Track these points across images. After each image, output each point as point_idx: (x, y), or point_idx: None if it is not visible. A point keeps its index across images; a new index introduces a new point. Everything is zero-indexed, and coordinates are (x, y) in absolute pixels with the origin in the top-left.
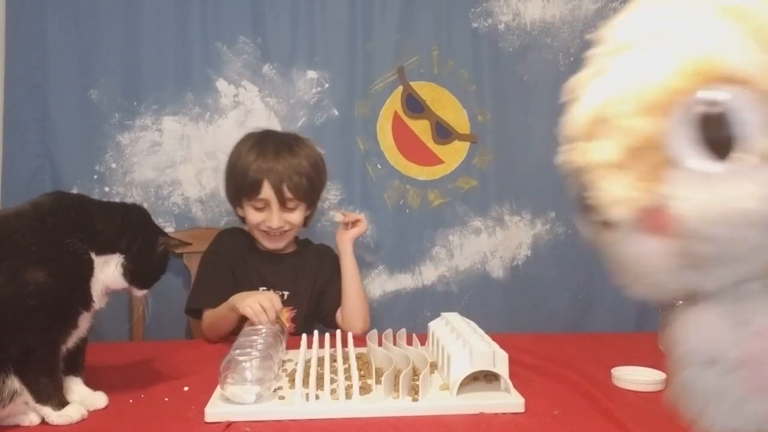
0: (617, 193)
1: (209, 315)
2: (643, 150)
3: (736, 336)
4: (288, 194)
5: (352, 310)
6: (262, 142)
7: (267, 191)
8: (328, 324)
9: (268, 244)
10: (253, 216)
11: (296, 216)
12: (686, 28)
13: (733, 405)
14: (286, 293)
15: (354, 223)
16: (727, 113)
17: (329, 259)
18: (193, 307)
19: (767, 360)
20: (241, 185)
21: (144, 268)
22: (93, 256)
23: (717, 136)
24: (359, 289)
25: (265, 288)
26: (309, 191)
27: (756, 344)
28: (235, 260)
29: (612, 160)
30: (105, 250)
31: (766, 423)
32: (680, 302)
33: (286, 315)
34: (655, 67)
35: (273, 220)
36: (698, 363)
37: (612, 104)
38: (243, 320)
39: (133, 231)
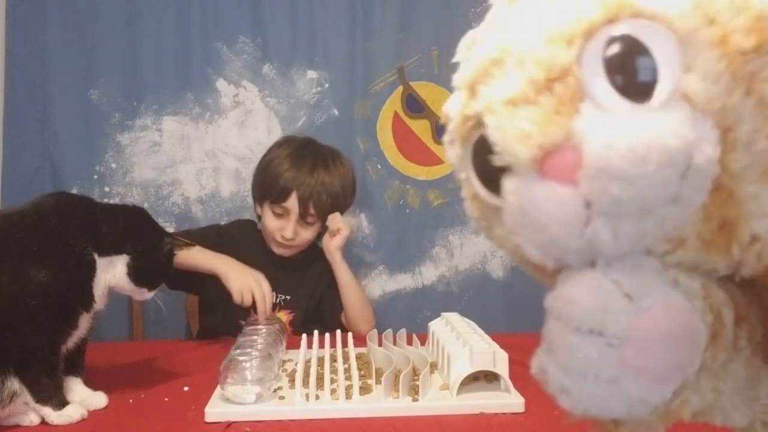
0: (521, 129)
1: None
2: (549, 81)
3: (626, 308)
4: (311, 210)
5: (355, 315)
6: (301, 153)
7: (292, 202)
8: (331, 327)
9: (276, 250)
10: (271, 221)
11: (310, 232)
12: None
13: (607, 382)
14: (287, 297)
15: (336, 231)
16: (641, 50)
17: (329, 263)
18: None
19: (652, 338)
20: (269, 188)
21: (150, 269)
22: (96, 257)
23: (629, 72)
24: (359, 295)
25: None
26: (328, 212)
27: (645, 320)
28: (239, 253)
29: (513, 95)
30: (109, 251)
31: (637, 406)
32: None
33: (284, 318)
34: (562, 10)
35: (288, 230)
36: (581, 330)
37: (513, 42)
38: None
39: (138, 232)
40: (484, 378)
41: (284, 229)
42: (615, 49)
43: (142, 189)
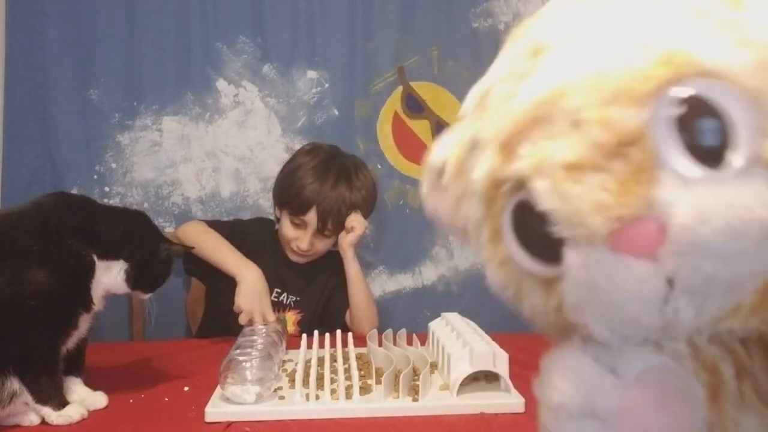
0: (594, 197)
1: (208, 229)
2: (620, 146)
3: (613, 383)
4: (329, 225)
5: (359, 313)
6: (325, 165)
7: (312, 216)
8: (336, 326)
9: (291, 257)
10: (288, 229)
11: (326, 244)
12: (640, 21)
13: None
14: (296, 298)
15: (351, 228)
16: (710, 111)
17: (339, 264)
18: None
19: (646, 408)
20: (290, 199)
21: (147, 275)
22: (95, 258)
23: (703, 136)
24: (365, 293)
25: (279, 290)
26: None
27: (634, 391)
28: (257, 253)
29: (576, 159)
30: (108, 256)
31: None
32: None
33: (293, 318)
34: (621, 56)
35: (304, 242)
36: (573, 416)
37: (562, 96)
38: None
39: (136, 239)
40: (484, 378)
41: (300, 240)
42: (686, 111)
43: (142, 189)
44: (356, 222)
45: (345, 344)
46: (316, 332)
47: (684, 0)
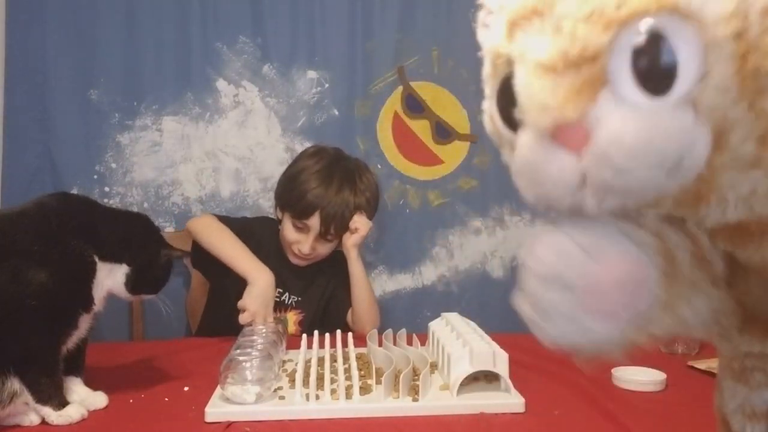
0: (542, 98)
1: (220, 225)
2: (580, 60)
3: (583, 262)
4: (332, 231)
5: (362, 313)
6: (329, 170)
7: (314, 221)
8: (338, 326)
9: (292, 259)
10: (290, 232)
11: (328, 248)
12: None
13: (568, 320)
14: (298, 298)
15: (354, 229)
16: (667, 47)
17: (341, 264)
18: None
19: (605, 285)
20: (293, 202)
21: (147, 279)
22: (96, 259)
23: (653, 67)
24: (368, 293)
25: (281, 290)
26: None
27: (599, 271)
28: (261, 252)
29: (545, 61)
30: (110, 258)
31: (596, 338)
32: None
33: (294, 318)
34: None
35: (305, 246)
36: (546, 280)
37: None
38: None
39: (137, 244)
40: (484, 378)
41: (302, 243)
42: (644, 42)
43: (142, 189)
44: (360, 223)
45: (345, 344)
46: (316, 332)
47: None
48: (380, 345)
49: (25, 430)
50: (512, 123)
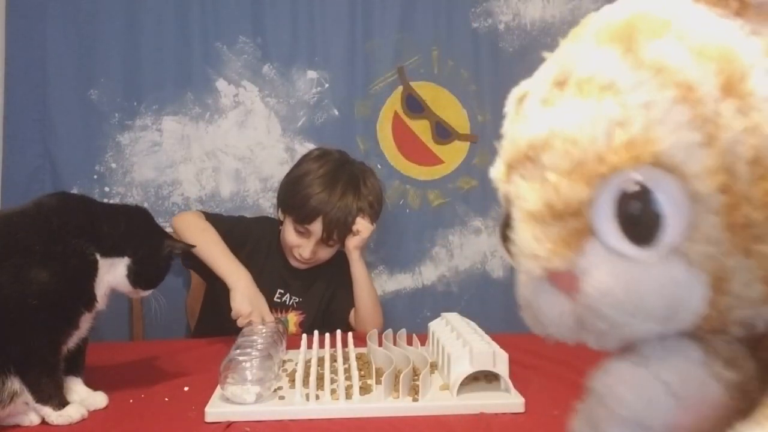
0: (531, 248)
1: (207, 225)
2: (564, 213)
3: (672, 406)
4: (334, 236)
5: (365, 314)
6: (335, 175)
7: (317, 226)
8: (339, 327)
9: (292, 262)
10: (291, 236)
11: (329, 252)
12: (632, 89)
13: None
14: (298, 299)
15: (357, 231)
16: (650, 199)
17: (342, 264)
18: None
19: (688, 429)
20: (296, 207)
21: (149, 271)
22: (98, 257)
23: (639, 217)
24: (371, 294)
25: (282, 291)
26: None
27: (687, 417)
28: (261, 252)
29: (533, 211)
30: (111, 252)
31: None
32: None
33: (295, 319)
34: (593, 129)
35: (306, 250)
36: (628, 424)
37: (542, 147)
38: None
39: (139, 235)
40: (484, 378)
41: (303, 248)
42: (629, 195)
43: (142, 189)
44: (362, 225)
45: (345, 344)
46: (316, 332)
47: (683, 76)
48: (380, 345)
49: (25, 430)
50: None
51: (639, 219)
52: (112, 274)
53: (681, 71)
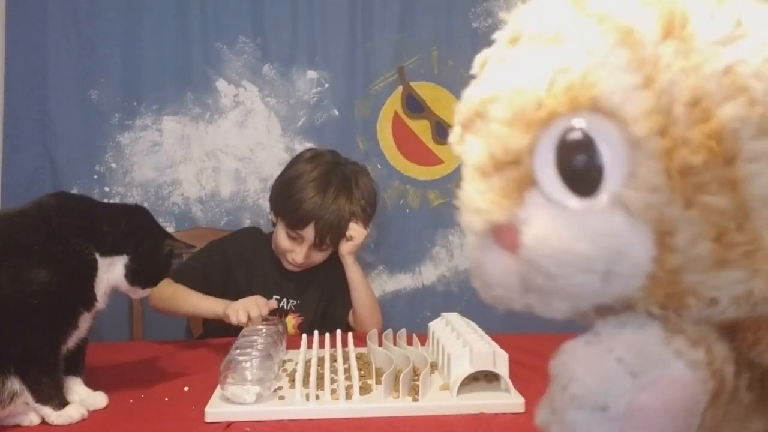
0: (474, 201)
1: (182, 291)
2: (506, 163)
3: (630, 386)
4: (327, 241)
5: (363, 317)
6: (327, 178)
7: (309, 232)
8: (338, 327)
9: (285, 266)
10: (283, 240)
11: (322, 256)
12: (576, 37)
13: None
14: (296, 302)
15: (350, 237)
16: (590, 146)
17: (339, 265)
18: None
19: (653, 412)
20: (288, 211)
21: (148, 270)
22: (98, 256)
23: (579, 167)
24: (369, 297)
25: (278, 297)
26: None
27: (647, 396)
28: (248, 262)
29: (477, 164)
30: (111, 251)
31: None
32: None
33: (293, 322)
34: (536, 78)
35: (299, 255)
36: (584, 407)
37: (490, 101)
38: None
39: (139, 233)
40: (484, 378)
41: (296, 253)
42: (569, 143)
43: (142, 189)
44: (355, 231)
45: (345, 344)
46: (316, 332)
47: (624, 21)
48: (380, 345)
49: (25, 430)
50: None
51: (579, 168)
52: (112, 273)
53: (622, 16)
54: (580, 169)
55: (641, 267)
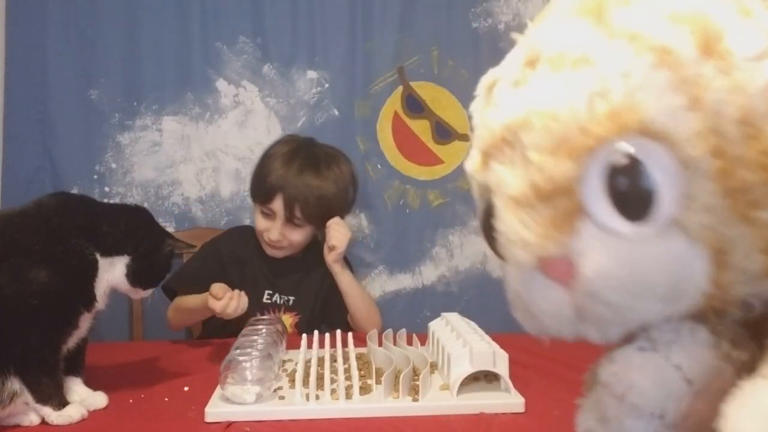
0: (520, 234)
1: (179, 300)
2: (551, 194)
3: (687, 392)
4: (297, 214)
5: (362, 320)
6: (293, 153)
7: (277, 204)
8: (339, 328)
9: (267, 251)
10: (259, 221)
11: (299, 235)
12: (607, 58)
13: None
14: (291, 299)
15: (332, 246)
16: (641, 171)
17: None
18: (169, 286)
19: (707, 417)
20: (257, 188)
21: (149, 270)
22: (98, 256)
23: (631, 193)
24: (364, 301)
25: (271, 292)
26: (320, 217)
27: (702, 403)
28: (240, 260)
29: (517, 195)
30: (111, 251)
31: None
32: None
33: (290, 321)
34: (571, 102)
35: (273, 232)
36: (642, 415)
37: (520, 128)
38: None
39: (140, 233)
40: (484, 378)
41: (271, 231)
42: (619, 169)
43: (142, 189)
44: (336, 239)
45: (345, 344)
46: (316, 332)
47: (658, 40)
48: (380, 345)
49: (25, 430)
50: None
51: (631, 193)
52: (112, 273)
53: (655, 35)
54: (631, 194)
55: (700, 286)
